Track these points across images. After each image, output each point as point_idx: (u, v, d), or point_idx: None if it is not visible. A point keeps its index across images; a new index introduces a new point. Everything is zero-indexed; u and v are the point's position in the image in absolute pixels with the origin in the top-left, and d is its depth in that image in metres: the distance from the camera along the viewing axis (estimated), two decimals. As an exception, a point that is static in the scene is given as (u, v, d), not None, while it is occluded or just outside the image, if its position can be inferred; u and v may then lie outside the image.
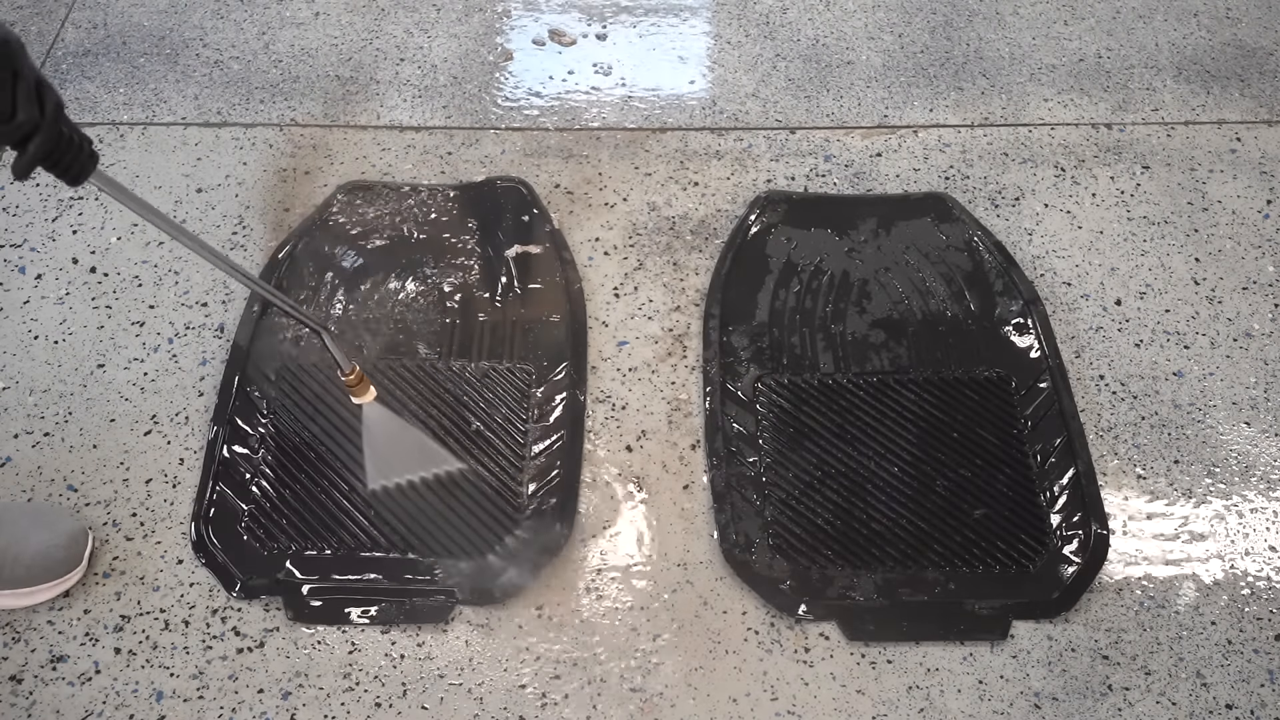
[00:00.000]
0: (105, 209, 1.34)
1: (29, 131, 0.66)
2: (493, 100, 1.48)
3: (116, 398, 1.18)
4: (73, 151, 0.70)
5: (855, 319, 1.24)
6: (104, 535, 1.08)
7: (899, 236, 1.31)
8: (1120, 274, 1.30)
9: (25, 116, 0.65)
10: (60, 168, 0.70)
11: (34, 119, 0.65)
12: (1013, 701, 0.99)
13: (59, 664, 1.00)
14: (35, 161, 0.67)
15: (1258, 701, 1.00)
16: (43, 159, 0.68)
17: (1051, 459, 1.12)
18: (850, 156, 1.42)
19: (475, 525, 1.08)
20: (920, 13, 1.62)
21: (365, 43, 1.56)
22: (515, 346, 1.21)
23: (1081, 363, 1.22)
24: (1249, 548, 1.09)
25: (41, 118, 0.66)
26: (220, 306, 1.25)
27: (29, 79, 0.65)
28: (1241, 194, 1.39)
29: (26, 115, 0.65)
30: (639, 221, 1.35)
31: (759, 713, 0.98)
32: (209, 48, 1.54)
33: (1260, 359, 1.23)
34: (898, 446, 1.13)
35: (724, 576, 1.06)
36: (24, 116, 0.65)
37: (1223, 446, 1.16)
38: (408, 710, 0.98)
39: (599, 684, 1.00)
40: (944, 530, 1.08)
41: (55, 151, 0.68)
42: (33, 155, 0.67)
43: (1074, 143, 1.44)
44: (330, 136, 1.43)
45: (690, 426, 1.17)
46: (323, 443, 1.13)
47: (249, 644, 1.02)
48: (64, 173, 0.70)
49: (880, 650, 1.02)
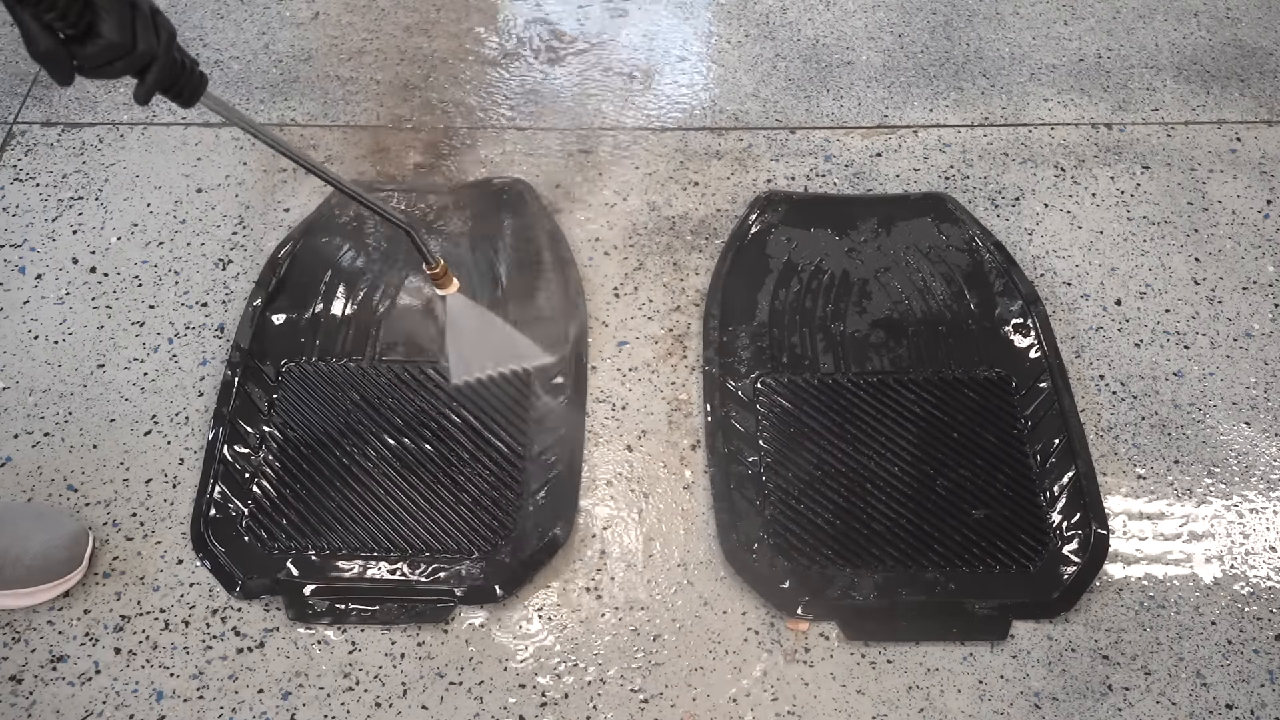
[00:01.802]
0: (105, 209, 1.34)
1: (148, 61, 0.70)
2: (493, 100, 1.48)
3: (116, 398, 1.18)
4: (185, 76, 0.73)
5: (855, 319, 1.24)
6: (104, 535, 1.08)
7: (899, 236, 1.31)
8: (1120, 274, 1.30)
9: (145, 47, 0.68)
10: (174, 92, 0.73)
11: (152, 49, 0.69)
12: (1013, 701, 0.99)
13: (59, 664, 1.00)
14: (154, 88, 0.71)
15: (1258, 701, 1.00)
16: (160, 86, 0.72)
17: (1051, 459, 1.12)
18: (850, 156, 1.42)
19: (475, 525, 1.08)
20: (920, 13, 1.62)
21: (365, 42, 1.56)
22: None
23: (1081, 363, 1.22)
24: (1249, 548, 1.09)
25: (159, 46, 0.70)
26: (220, 306, 1.25)
27: (145, 9, 0.69)
28: (1241, 194, 1.39)
29: (146, 45, 0.68)
30: (639, 221, 1.35)
31: (759, 713, 0.98)
32: (209, 48, 1.54)
33: (1260, 359, 1.23)
34: (898, 446, 1.13)
35: (724, 576, 1.06)
36: (144, 47, 0.68)
37: (1223, 446, 1.16)
38: (408, 710, 0.98)
39: (599, 684, 1.00)
40: (944, 530, 1.08)
41: (171, 78, 0.72)
42: (151, 83, 0.71)
43: (1074, 143, 1.44)
44: (330, 136, 1.43)
45: (690, 426, 1.17)
46: (323, 442, 1.13)
47: (249, 644, 1.02)
48: (178, 96, 0.74)
49: (880, 650, 1.02)
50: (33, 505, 1.09)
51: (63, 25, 0.65)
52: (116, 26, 0.66)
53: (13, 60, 1.52)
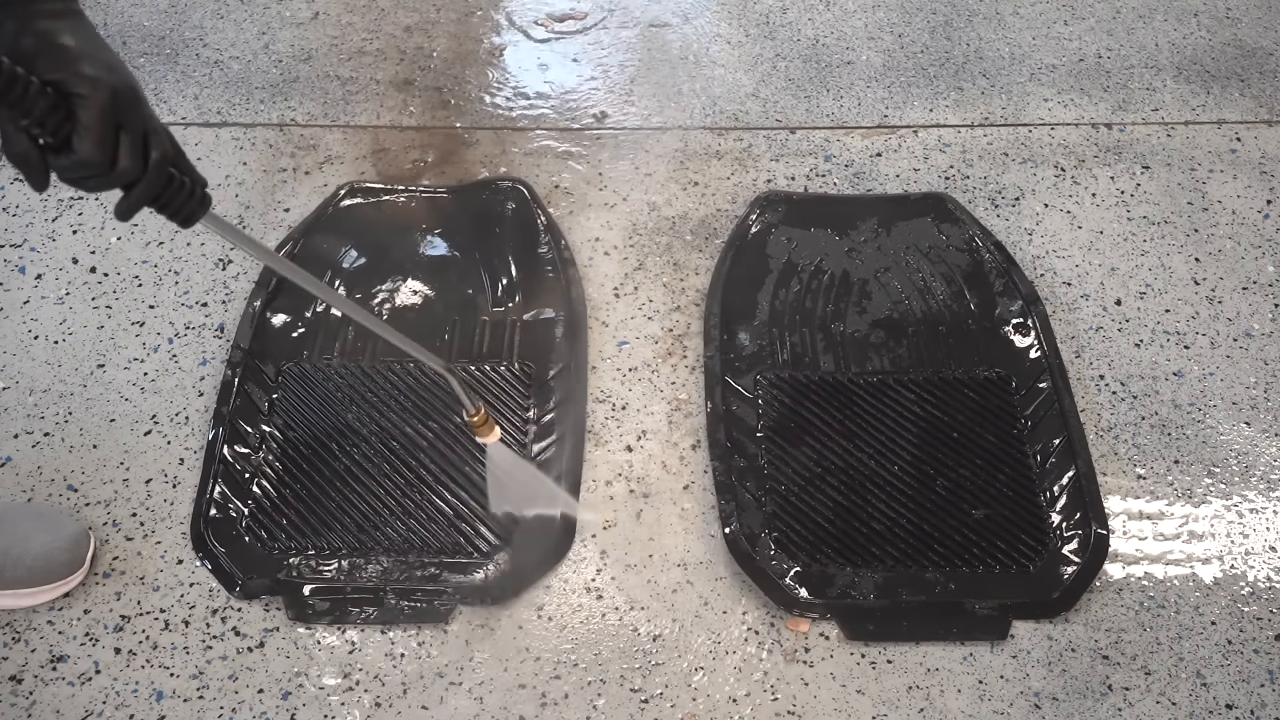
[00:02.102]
0: (105, 209, 1.34)
1: (129, 181, 0.67)
2: (493, 100, 1.48)
3: (116, 398, 1.18)
4: (181, 196, 0.70)
5: (856, 318, 1.24)
6: (104, 535, 1.08)
7: (899, 236, 1.31)
8: (1120, 274, 1.30)
9: (125, 166, 0.66)
10: (168, 211, 0.71)
11: (134, 171, 0.67)
12: (1013, 701, 0.99)
13: (59, 664, 1.00)
14: (135, 208, 0.69)
15: (1258, 701, 1.00)
16: (145, 205, 0.70)
17: (1051, 459, 1.12)
18: (850, 156, 1.42)
19: (475, 525, 1.08)
20: (920, 13, 1.62)
21: (365, 42, 1.56)
22: (515, 346, 1.21)
23: (1081, 363, 1.22)
24: (1249, 548, 1.09)
25: (144, 170, 0.67)
26: (220, 306, 1.25)
27: (135, 131, 0.67)
28: (1241, 194, 1.39)
29: (126, 166, 0.66)
30: (639, 221, 1.35)
31: (759, 713, 0.98)
32: (209, 48, 1.54)
33: (1260, 359, 1.23)
34: (898, 446, 1.13)
35: (724, 576, 1.06)
36: (125, 165, 0.66)
37: (1223, 446, 1.16)
38: (408, 710, 0.98)
39: (599, 684, 1.00)
40: (944, 530, 1.08)
41: (160, 198, 0.69)
42: (132, 202, 0.69)
43: (1074, 143, 1.44)
44: (330, 136, 1.43)
45: (690, 426, 1.17)
46: (323, 442, 1.13)
47: (249, 644, 1.02)
48: (172, 215, 0.71)
49: (880, 650, 1.02)
50: (34, 505, 1.09)
51: (41, 133, 0.63)
52: (94, 144, 0.64)
53: (13, 60, 1.52)
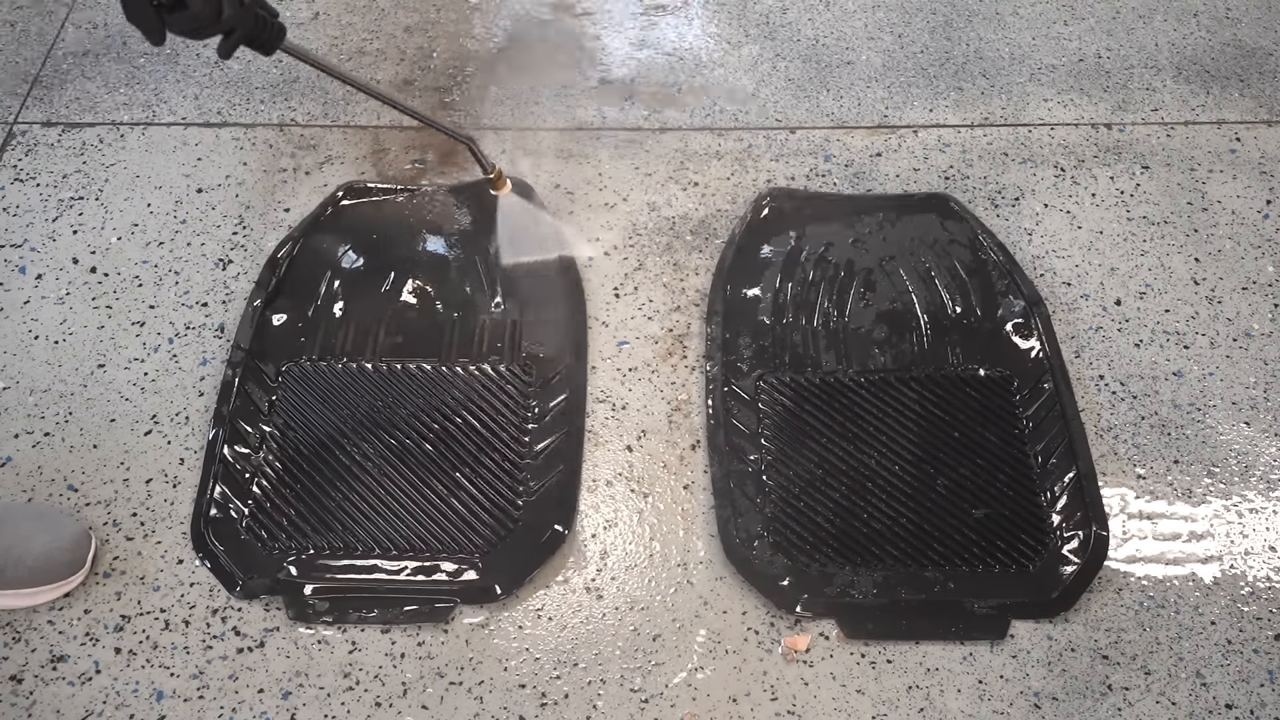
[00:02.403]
0: (105, 209, 1.34)
1: (231, 28, 0.79)
2: (493, 100, 1.48)
3: (117, 398, 1.18)
4: (268, 33, 0.83)
5: (857, 317, 1.24)
6: (104, 535, 1.08)
7: (901, 236, 1.31)
8: (1120, 274, 1.30)
9: (230, 13, 0.78)
10: (255, 45, 0.84)
11: (235, 19, 0.78)
12: (1012, 701, 0.99)
13: (59, 664, 1.00)
14: (235, 46, 0.81)
15: (1258, 701, 1.00)
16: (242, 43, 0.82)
17: (1052, 459, 1.12)
18: (850, 156, 1.42)
19: (475, 525, 1.08)
20: (920, 13, 1.62)
21: (365, 42, 1.56)
22: (515, 346, 1.21)
23: (1081, 363, 1.22)
24: (1249, 548, 1.09)
25: (243, 16, 0.79)
26: (220, 306, 1.25)
27: None
28: (1241, 194, 1.39)
29: (231, 13, 0.78)
30: (639, 221, 1.35)
31: (759, 713, 0.99)
32: (209, 48, 1.54)
33: (1260, 359, 1.23)
34: (899, 445, 1.13)
35: (724, 576, 1.06)
36: (229, 13, 0.77)
37: (1222, 446, 1.16)
38: (408, 710, 0.98)
39: (599, 684, 1.00)
40: (944, 529, 1.08)
41: (252, 37, 0.82)
42: (233, 43, 0.81)
43: (1074, 143, 1.45)
44: (330, 136, 1.43)
45: (690, 426, 1.17)
46: (323, 442, 1.13)
47: (249, 644, 1.02)
48: (260, 48, 0.84)
49: (880, 650, 1.02)
50: (34, 505, 1.09)
51: None
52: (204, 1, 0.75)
53: (13, 60, 1.52)
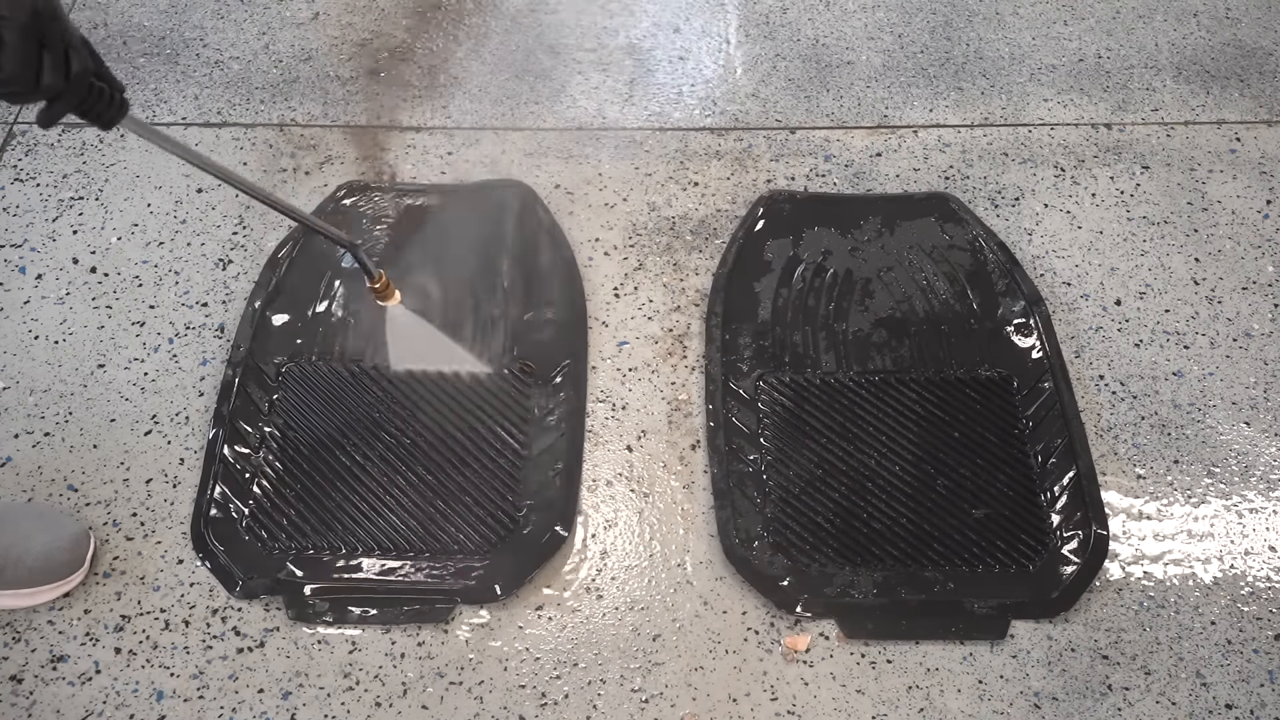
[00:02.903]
0: (105, 209, 1.34)
1: (52, 95, 0.73)
2: (493, 100, 1.48)
3: (117, 398, 1.18)
4: (102, 104, 0.77)
5: (858, 318, 1.24)
6: (104, 535, 1.08)
7: (902, 236, 1.31)
8: (1120, 274, 1.30)
9: (49, 81, 0.71)
10: (90, 117, 0.77)
11: (59, 85, 0.72)
12: (1012, 701, 0.99)
13: (59, 664, 1.00)
14: (57, 117, 0.75)
15: (1258, 701, 1.00)
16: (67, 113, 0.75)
17: (1052, 459, 1.12)
18: (850, 156, 1.42)
19: (475, 525, 1.08)
20: (920, 13, 1.62)
21: (365, 42, 1.56)
22: (515, 346, 1.21)
23: (1081, 363, 1.22)
24: (1249, 548, 1.09)
25: (66, 84, 0.72)
26: (220, 306, 1.25)
27: (56, 47, 0.71)
28: (1241, 194, 1.39)
29: (51, 80, 0.71)
30: (639, 221, 1.35)
31: (759, 713, 0.99)
32: (209, 48, 1.54)
33: (1260, 359, 1.23)
34: (899, 445, 1.13)
35: (724, 576, 1.06)
36: (49, 80, 0.71)
37: (1222, 446, 1.16)
38: (408, 710, 0.98)
39: (599, 684, 1.00)
40: (944, 529, 1.08)
41: (84, 108, 0.76)
42: (54, 112, 0.74)
43: (1074, 143, 1.45)
44: (330, 136, 1.43)
45: (690, 426, 1.17)
46: (323, 442, 1.13)
47: (249, 644, 1.02)
48: (94, 121, 0.77)
49: (880, 650, 1.02)
50: (34, 505, 1.09)
51: None
52: (19, 62, 0.68)
53: (13, 60, 1.52)
